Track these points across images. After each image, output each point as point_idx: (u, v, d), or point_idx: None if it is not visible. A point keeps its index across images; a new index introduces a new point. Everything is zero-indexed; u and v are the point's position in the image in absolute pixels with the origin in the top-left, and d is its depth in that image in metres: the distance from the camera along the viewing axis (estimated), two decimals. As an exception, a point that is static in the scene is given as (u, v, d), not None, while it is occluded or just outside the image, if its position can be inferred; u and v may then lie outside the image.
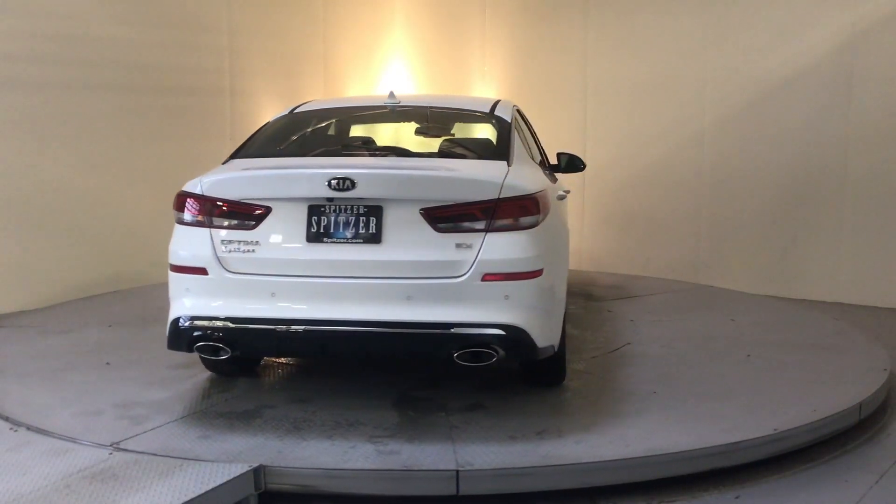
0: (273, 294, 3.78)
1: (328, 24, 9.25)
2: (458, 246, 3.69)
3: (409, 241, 3.73)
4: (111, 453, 3.56)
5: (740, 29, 7.86)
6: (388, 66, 9.99)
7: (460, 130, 4.89)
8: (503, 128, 4.60)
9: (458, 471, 3.38)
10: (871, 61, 7.17)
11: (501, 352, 3.71)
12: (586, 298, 6.89)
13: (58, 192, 6.71)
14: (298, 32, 8.94)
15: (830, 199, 7.47)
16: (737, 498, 3.56)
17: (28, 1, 6.55)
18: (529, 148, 5.48)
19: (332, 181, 3.70)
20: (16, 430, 3.88)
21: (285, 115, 5.02)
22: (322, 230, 3.79)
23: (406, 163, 4.25)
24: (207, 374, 4.65)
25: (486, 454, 3.55)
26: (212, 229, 3.89)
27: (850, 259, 7.42)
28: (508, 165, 4.12)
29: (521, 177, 4.04)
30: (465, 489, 3.39)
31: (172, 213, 4.07)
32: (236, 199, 3.88)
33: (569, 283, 6.96)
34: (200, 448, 3.62)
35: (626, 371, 4.78)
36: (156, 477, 3.30)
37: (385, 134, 5.15)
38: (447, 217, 3.72)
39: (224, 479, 3.27)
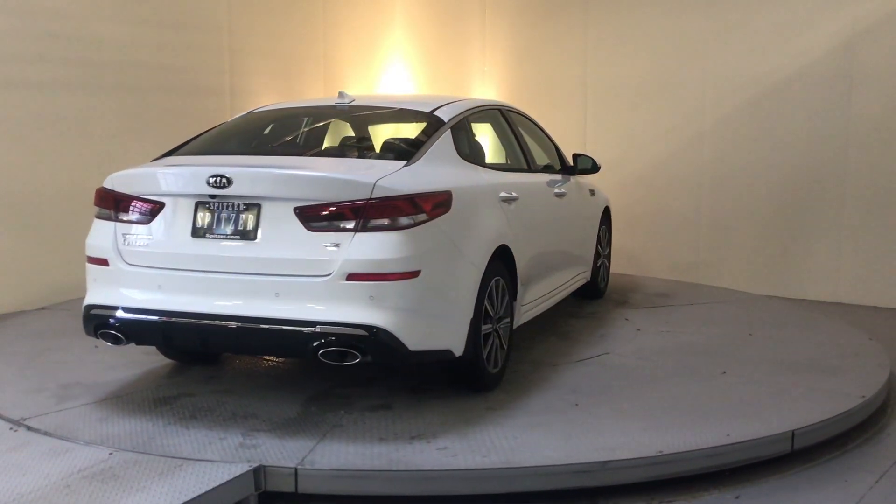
0: (160, 286, 3.93)
1: (328, 24, 9.24)
2: (327, 245, 3.71)
3: (281, 239, 3.78)
4: (111, 453, 3.55)
5: (740, 29, 7.87)
6: (388, 66, 9.99)
7: (397, 130, 4.80)
8: (431, 127, 4.54)
9: (296, 469, 3.41)
10: (871, 61, 7.18)
11: (364, 352, 3.70)
12: (618, 304, 6.70)
13: (58, 191, 6.70)
14: (298, 32, 8.94)
15: (830, 199, 7.48)
16: (737, 498, 3.56)
17: (28, 1, 6.55)
18: (515, 148, 5.47)
19: (211, 179, 3.83)
20: (16, 430, 3.88)
21: (239, 117, 5.17)
22: (205, 226, 3.91)
23: (284, 162, 4.28)
24: (166, 361, 4.89)
25: (338, 454, 3.55)
26: (116, 223, 4.10)
27: (850, 259, 7.43)
28: (407, 165, 4.08)
29: (410, 177, 3.97)
30: (304, 487, 3.42)
31: None
32: (135, 195, 4.07)
33: (610, 287, 7.11)
34: (90, 430, 3.84)
35: (570, 381, 4.61)
36: (156, 477, 3.30)
37: (328, 133, 5.10)
38: (318, 216, 3.74)
39: (224, 479, 3.27)
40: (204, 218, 3.92)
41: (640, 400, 4.32)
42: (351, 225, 3.71)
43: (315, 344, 3.68)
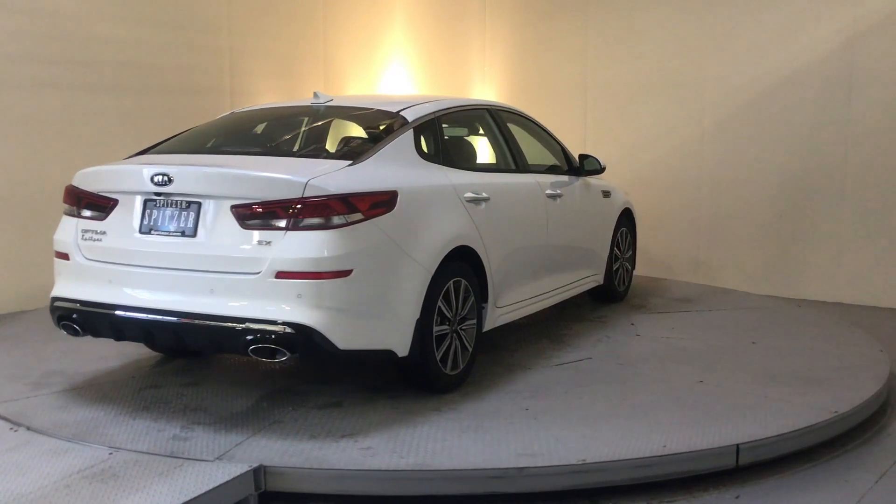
0: (110, 281, 4.06)
1: (328, 24, 9.24)
2: (260, 243, 3.76)
3: (218, 237, 3.86)
4: (111, 453, 3.56)
5: (740, 29, 7.87)
6: (388, 66, 9.99)
7: (361, 130, 4.70)
8: (392, 127, 4.54)
9: (213, 460, 3.49)
10: (871, 61, 7.18)
11: (292, 349, 3.73)
12: (633, 308, 6.56)
13: (57, 191, 6.68)
14: (298, 32, 8.94)
15: (830, 198, 7.47)
16: (737, 498, 3.56)
17: (28, 1, 6.55)
18: (502, 148, 5.43)
19: (154, 177, 3.95)
20: (16, 430, 3.88)
21: (220, 117, 5.24)
22: (151, 223, 4.02)
23: (227, 161, 4.32)
24: (153, 354, 5.07)
25: (260, 450, 3.59)
26: (77, 219, 4.26)
27: (850, 259, 7.43)
28: (353, 164, 4.08)
29: (349, 177, 3.97)
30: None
31: None
32: (93, 192, 4.23)
33: (635, 289, 6.98)
34: (45, 418, 4.01)
35: (535, 386, 4.53)
36: (156, 477, 3.30)
37: (293, 133, 5.10)
38: (252, 214, 3.80)
39: (224, 479, 3.27)
40: (150, 215, 4.03)
41: (594, 407, 4.21)
42: (282, 223, 3.76)
43: (245, 340, 3.72)
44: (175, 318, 3.87)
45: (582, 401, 4.31)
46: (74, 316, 4.12)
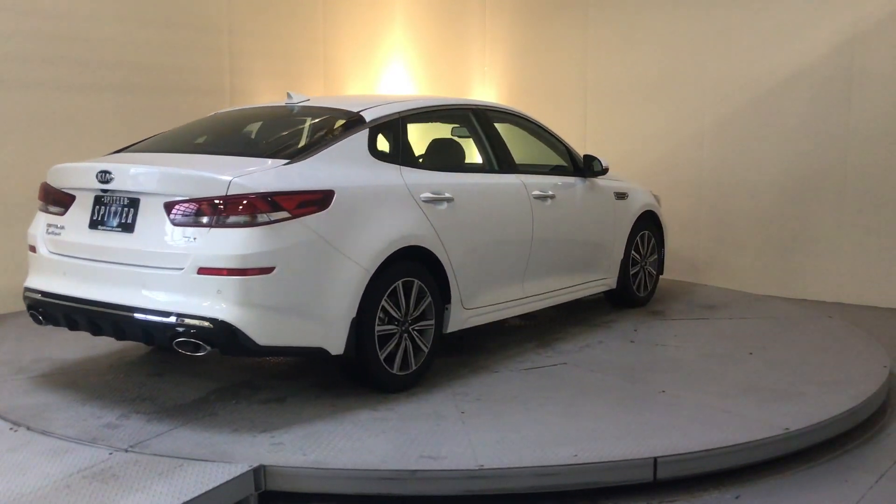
0: (65, 273, 4.26)
1: (328, 24, 9.24)
2: (186, 239, 3.88)
3: (151, 233, 3.99)
4: (111, 453, 3.56)
5: (740, 29, 7.87)
6: (388, 66, 9.99)
7: (319, 130, 4.70)
8: (346, 127, 4.57)
9: (126, 449, 3.62)
10: (871, 61, 7.18)
11: (212, 344, 3.82)
12: (650, 314, 6.36)
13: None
14: (298, 32, 8.94)
15: (830, 199, 7.48)
16: (737, 498, 3.57)
17: (28, 1, 6.55)
18: (484, 149, 5.38)
19: (98, 175, 4.14)
20: (16, 430, 3.88)
21: (203, 118, 5.36)
22: (99, 218, 4.21)
23: (162, 159, 4.47)
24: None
25: (175, 440, 3.71)
26: (46, 214, 4.50)
27: (850, 259, 7.43)
28: (290, 163, 4.13)
29: (280, 175, 4.02)
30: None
31: None
32: (57, 188, 4.45)
33: (662, 294, 6.72)
34: (3, 401, 4.26)
35: (488, 389, 4.49)
36: (156, 477, 3.31)
37: (258, 133, 5.12)
38: (180, 211, 3.92)
39: (224, 479, 3.28)
40: (99, 211, 4.21)
41: (532, 413, 4.11)
42: (207, 220, 3.85)
43: (169, 334, 3.85)
44: (114, 311, 4.01)
45: (525, 406, 4.21)
46: (37, 305, 4.36)
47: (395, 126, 4.78)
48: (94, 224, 4.22)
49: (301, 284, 3.95)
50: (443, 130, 5.63)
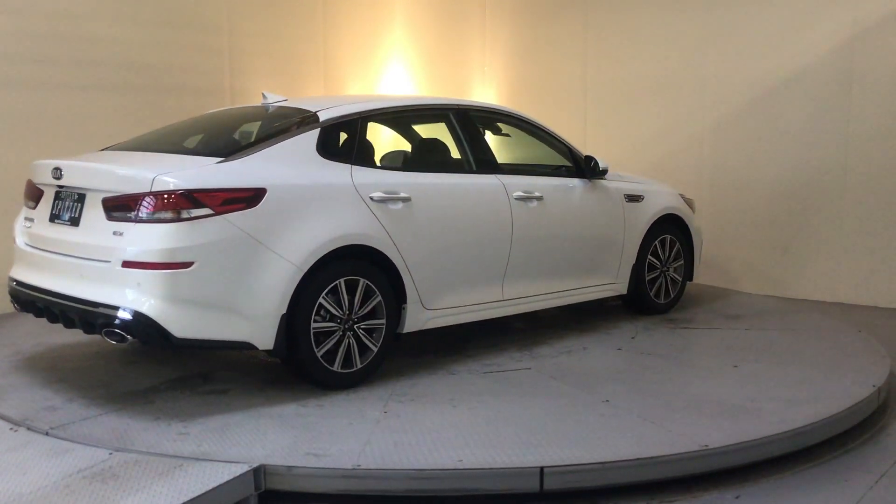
0: (31, 264, 4.55)
1: (328, 24, 9.24)
2: (115, 233, 4.05)
3: (91, 226, 4.20)
4: (111, 453, 3.56)
5: (740, 29, 7.87)
6: (388, 66, 9.99)
7: (275, 129, 4.68)
8: (297, 126, 4.62)
9: (46, 432, 3.82)
10: (871, 61, 7.18)
11: (132, 334, 3.98)
12: (663, 321, 6.12)
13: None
14: (298, 32, 8.94)
15: (830, 199, 7.47)
16: (737, 498, 3.57)
17: (28, 1, 6.55)
18: (463, 149, 5.33)
19: (52, 171, 4.41)
20: (16, 430, 3.88)
21: (188, 118, 5.47)
22: (56, 212, 4.45)
23: (107, 157, 4.73)
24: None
25: (93, 426, 3.90)
26: (25, 207, 4.78)
27: (850, 259, 7.42)
28: (224, 161, 4.24)
29: (206, 173, 4.12)
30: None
31: None
32: (34, 183, 4.71)
33: (690, 300, 6.42)
34: None
35: (428, 390, 4.44)
36: (156, 477, 3.31)
37: (232, 133, 5.19)
38: (113, 207, 4.11)
39: (224, 479, 3.28)
40: (57, 205, 4.46)
41: (455, 416, 4.06)
42: (132, 215, 4.01)
43: (98, 323, 4.04)
44: (63, 301, 4.22)
45: (453, 409, 4.16)
46: (14, 294, 4.63)
47: (352, 126, 4.78)
48: (52, 217, 4.46)
49: (223, 280, 4.03)
50: (434, 131, 5.58)
